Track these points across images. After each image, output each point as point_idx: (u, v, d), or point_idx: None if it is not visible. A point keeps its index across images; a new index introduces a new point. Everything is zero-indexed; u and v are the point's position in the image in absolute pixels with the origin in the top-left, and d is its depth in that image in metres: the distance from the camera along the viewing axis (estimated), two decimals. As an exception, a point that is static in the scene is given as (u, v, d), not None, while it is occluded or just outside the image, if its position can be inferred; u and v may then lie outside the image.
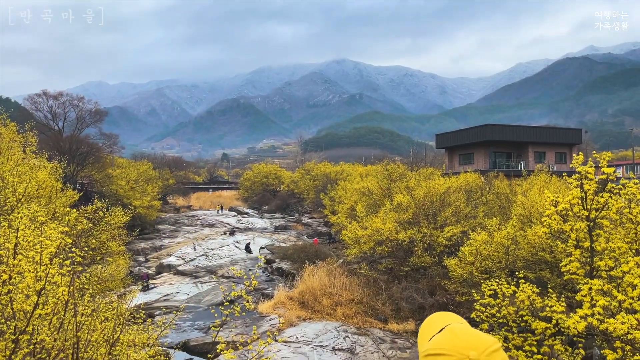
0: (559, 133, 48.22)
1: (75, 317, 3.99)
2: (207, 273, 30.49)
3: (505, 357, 1.07)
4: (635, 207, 4.82)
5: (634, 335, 3.53)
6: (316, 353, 18.01)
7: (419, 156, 63.59)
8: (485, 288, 5.65)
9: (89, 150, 40.47)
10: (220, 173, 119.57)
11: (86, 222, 9.99)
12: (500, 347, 1.07)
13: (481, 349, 1.04)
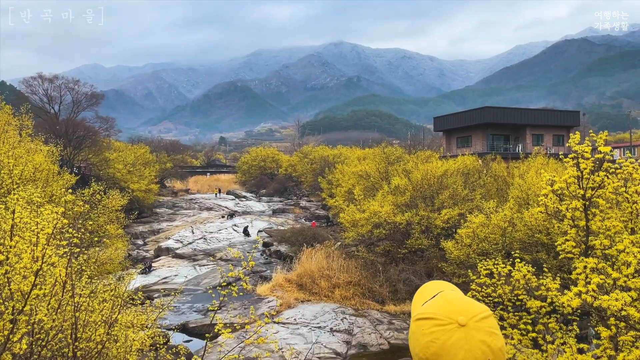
0: (557, 115, 48.14)
1: (73, 297, 4.00)
2: (206, 256, 30.62)
3: (494, 324, 1.09)
4: (632, 186, 4.83)
5: (628, 312, 3.58)
6: (314, 334, 18.19)
7: (416, 139, 63.52)
8: (482, 268, 5.70)
9: (86, 133, 40.28)
10: (217, 157, 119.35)
11: (83, 205, 9.97)
12: (490, 315, 1.10)
13: (470, 315, 1.06)
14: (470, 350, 1.03)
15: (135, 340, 4.86)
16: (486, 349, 1.04)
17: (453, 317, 1.06)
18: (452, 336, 1.04)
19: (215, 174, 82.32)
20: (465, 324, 1.05)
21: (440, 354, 1.04)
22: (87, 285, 4.68)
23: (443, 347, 1.04)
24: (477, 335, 1.05)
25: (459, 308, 1.08)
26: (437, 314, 1.08)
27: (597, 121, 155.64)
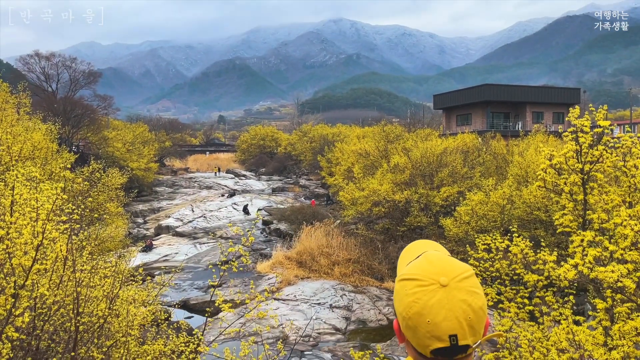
0: (557, 93, 47.84)
1: (75, 273, 4.04)
2: (206, 234, 30.77)
3: (476, 284, 1.12)
4: (630, 160, 4.84)
5: (624, 283, 3.63)
6: (314, 310, 18.41)
7: (416, 117, 63.20)
8: (479, 242, 5.76)
9: (84, 112, 40.05)
10: (216, 135, 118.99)
11: (83, 183, 9.96)
12: (472, 275, 1.13)
13: (451, 275, 1.09)
14: (451, 310, 1.06)
15: (137, 315, 4.93)
16: (467, 308, 1.07)
17: (435, 278, 1.09)
18: (433, 296, 1.07)
19: (214, 153, 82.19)
20: (446, 284, 1.08)
21: (422, 314, 1.07)
22: (88, 261, 4.72)
23: (425, 306, 1.07)
24: (458, 295, 1.07)
25: (441, 269, 1.11)
26: (420, 275, 1.11)
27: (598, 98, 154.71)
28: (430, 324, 1.06)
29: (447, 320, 1.06)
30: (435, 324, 1.06)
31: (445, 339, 1.06)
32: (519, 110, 45.16)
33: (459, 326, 1.06)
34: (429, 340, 1.07)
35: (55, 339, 4.35)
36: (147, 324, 6.15)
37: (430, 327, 1.06)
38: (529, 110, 44.57)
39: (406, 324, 1.11)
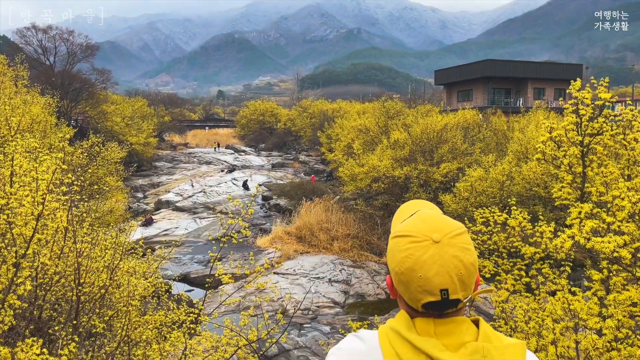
0: (559, 69, 47.40)
1: (75, 244, 4.06)
2: (206, 209, 30.88)
3: (468, 241, 1.13)
4: (630, 133, 4.83)
5: (620, 254, 3.66)
6: (313, 284, 18.62)
7: (417, 93, 62.76)
8: (478, 216, 5.80)
9: (82, 85, 39.72)
10: (216, 111, 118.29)
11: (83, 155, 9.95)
12: (464, 232, 1.15)
13: (444, 232, 1.11)
14: (443, 265, 1.08)
15: (138, 286, 4.98)
16: (458, 264, 1.09)
17: (428, 234, 1.11)
18: (426, 252, 1.09)
19: (213, 128, 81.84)
20: (439, 240, 1.10)
21: (414, 269, 1.09)
22: (88, 232, 4.75)
23: (417, 262, 1.09)
24: (450, 250, 1.09)
25: (434, 226, 1.13)
26: (413, 232, 1.13)
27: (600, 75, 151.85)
28: (422, 279, 1.08)
29: (438, 275, 1.08)
30: (427, 279, 1.08)
31: (436, 293, 1.08)
32: (521, 87, 44.83)
33: (450, 281, 1.08)
34: (421, 294, 1.10)
35: (57, 309, 4.40)
36: (148, 296, 6.22)
37: (422, 282, 1.09)
38: (531, 87, 44.25)
39: (399, 279, 1.13)
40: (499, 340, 1.12)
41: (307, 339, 14.33)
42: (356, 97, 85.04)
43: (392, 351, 1.10)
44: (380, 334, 1.15)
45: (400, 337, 1.11)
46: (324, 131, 41.22)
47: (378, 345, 1.13)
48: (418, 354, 1.07)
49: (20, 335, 3.79)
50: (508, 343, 1.12)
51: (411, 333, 1.10)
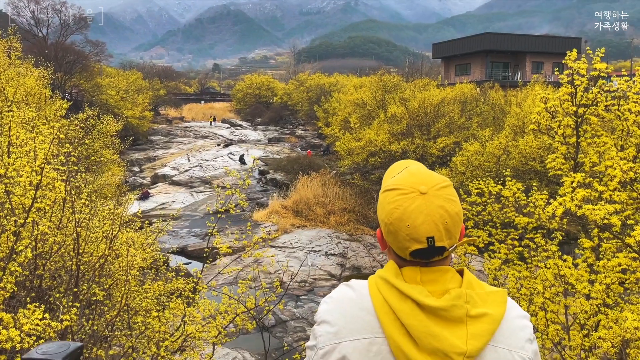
0: (558, 42, 46.98)
1: (74, 214, 4.10)
2: (202, 183, 30.92)
3: (453, 193, 1.19)
4: (624, 104, 4.86)
5: (611, 221, 3.74)
6: (310, 257, 18.81)
7: (415, 67, 62.19)
8: (472, 187, 5.86)
9: (76, 58, 39.18)
10: (211, 84, 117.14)
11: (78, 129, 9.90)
12: (450, 185, 1.20)
13: (430, 184, 1.17)
14: (429, 215, 1.13)
15: (137, 256, 5.04)
16: (444, 213, 1.14)
17: (415, 187, 1.16)
18: (413, 203, 1.15)
19: (209, 102, 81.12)
20: (426, 192, 1.15)
21: (402, 219, 1.14)
22: (87, 203, 4.77)
23: (405, 212, 1.14)
24: (436, 201, 1.15)
25: (421, 179, 1.18)
26: (401, 185, 1.18)
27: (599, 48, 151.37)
28: (409, 228, 1.14)
29: (425, 224, 1.13)
30: (414, 227, 1.13)
31: (423, 241, 1.13)
32: (519, 61, 44.51)
33: (436, 229, 1.13)
34: (409, 242, 1.15)
35: (56, 278, 4.46)
36: (147, 268, 6.29)
37: (409, 231, 1.14)
38: (529, 60, 43.93)
39: (388, 230, 1.19)
40: (481, 287, 1.18)
41: (304, 310, 14.57)
42: (353, 70, 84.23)
43: (380, 297, 1.16)
44: (369, 282, 1.22)
45: (388, 284, 1.17)
46: (321, 105, 40.98)
47: (367, 292, 1.19)
48: (404, 300, 1.13)
49: (22, 303, 3.86)
50: (490, 290, 1.18)
51: (398, 280, 1.16)
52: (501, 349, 1.13)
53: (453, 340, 1.08)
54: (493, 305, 1.14)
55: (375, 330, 1.14)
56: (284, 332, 13.55)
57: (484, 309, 1.13)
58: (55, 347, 1.16)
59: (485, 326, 1.11)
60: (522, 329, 1.17)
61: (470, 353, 1.08)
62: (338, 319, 1.18)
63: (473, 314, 1.11)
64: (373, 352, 1.13)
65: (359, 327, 1.15)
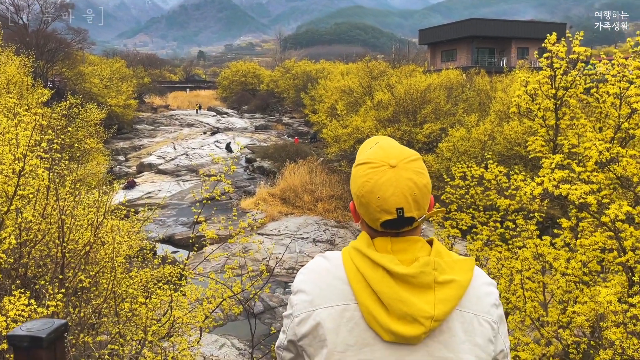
0: (543, 28, 47.15)
1: (58, 201, 4.08)
2: (189, 172, 30.76)
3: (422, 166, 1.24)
4: (602, 87, 4.95)
5: (587, 200, 3.84)
6: (297, 244, 18.89)
7: (401, 53, 62.11)
8: (456, 170, 5.94)
9: (58, 46, 38.49)
10: (197, 72, 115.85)
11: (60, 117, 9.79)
12: (419, 158, 1.26)
13: (400, 158, 1.22)
14: (398, 187, 1.18)
15: (123, 243, 5.03)
16: (412, 185, 1.19)
17: (385, 160, 1.21)
18: (383, 175, 1.19)
19: (194, 90, 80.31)
20: (395, 165, 1.20)
21: (373, 191, 1.19)
22: (71, 190, 4.75)
23: (376, 185, 1.19)
24: (405, 174, 1.20)
25: (391, 153, 1.23)
26: (372, 159, 1.23)
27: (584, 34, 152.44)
28: (380, 199, 1.18)
29: (394, 196, 1.18)
30: (385, 199, 1.18)
31: (392, 212, 1.18)
32: (504, 46, 44.67)
33: (405, 200, 1.18)
34: (379, 213, 1.20)
35: (42, 266, 4.45)
36: (133, 256, 6.29)
37: (380, 202, 1.19)
38: (514, 46, 44.12)
39: (360, 202, 1.23)
40: (449, 256, 1.23)
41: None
42: (340, 57, 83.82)
43: (353, 266, 1.21)
44: (343, 253, 1.27)
45: (361, 254, 1.22)
46: (308, 92, 40.83)
47: (341, 262, 1.24)
48: (376, 268, 1.18)
49: (7, 291, 3.85)
50: (458, 258, 1.24)
51: (370, 250, 1.21)
52: (467, 313, 1.20)
53: (421, 305, 1.14)
54: (460, 273, 1.20)
55: (348, 298, 1.20)
56: (272, 318, 13.65)
57: (451, 276, 1.18)
58: (40, 324, 1.18)
59: (452, 292, 1.17)
60: (487, 295, 1.23)
61: (437, 317, 1.14)
62: (313, 288, 1.24)
63: (441, 280, 1.17)
64: (346, 317, 1.18)
65: (332, 295, 1.21)
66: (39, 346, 1.16)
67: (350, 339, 1.17)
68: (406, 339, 1.14)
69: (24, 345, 1.17)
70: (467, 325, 1.19)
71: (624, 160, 4.07)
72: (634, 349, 3.22)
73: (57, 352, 1.22)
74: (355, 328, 1.18)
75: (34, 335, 1.15)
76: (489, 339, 1.20)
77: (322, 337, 1.19)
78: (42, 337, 1.15)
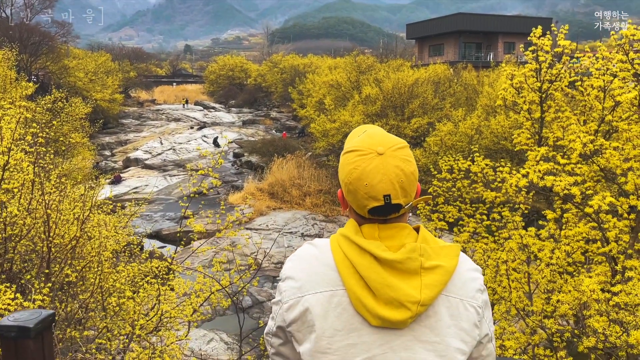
0: (529, 22, 47.39)
1: (43, 195, 4.04)
2: (176, 167, 30.57)
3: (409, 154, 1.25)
4: (587, 80, 5.03)
5: (572, 192, 3.90)
6: (286, 239, 18.90)
7: (389, 48, 62.13)
8: (443, 163, 5.99)
9: (42, 39, 37.92)
10: (183, 66, 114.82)
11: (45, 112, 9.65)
12: (406, 146, 1.27)
13: (387, 146, 1.23)
14: (386, 174, 1.20)
15: (109, 238, 5.00)
16: (400, 172, 1.21)
17: (373, 148, 1.22)
18: (371, 163, 1.21)
19: (181, 84, 79.65)
20: (383, 152, 1.21)
21: (361, 178, 1.21)
22: (56, 185, 4.70)
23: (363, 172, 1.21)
24: (392, 161, 1.21)
25: (378, 140, 1.24)
26: (360, 147, 1.24)
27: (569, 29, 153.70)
28: (367, 186, 1.20)
29: (382, 183, 1.19)
30: (372, 186, 1.20)
31: (380, 199, 1.20)
32: (491, 41, 44.93)
33: (392, 187, 1.20)
34: (367, 200, 1.21)
35: (27, 261, 4.41)
36: (120, 250, 6.25)
37: (367, 189, 1.20)
38: (501, 41, 44.40)
39: (347, 189, 1.25)
40: (435, 242, 1.25)
41: (281, 291, 14.66)
42: (328, 51, 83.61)
43: (341, 253, 1.23)
44: (331, 240, 1.29)
45: (349, 241, 1.23)
46: (295, 87, 40.71)
47: (329, 249, 1.26)
48: (363, 254, 1.20)
49: (-8, 286, 3.81)
50: (444, 245, 1.26)
51: (358, 237, 1.23)
52: (453, 298, 1.22)
53: (408, 290, 1.16)
54: (446, 258, 1.22)
55: (337, 284, 1.21)
56: (260, 312, 13.67)
57: (437, 262, 1.21)
58: (27, 314, 1.18)
59: (438, 277, 1.19)
60: (473, 280, 1.26)
61: (423, 301, 1.16)
62: (301, 275, 1.25)
63: (427, 265, 1.19)
64: (334, 303, 1.20)
65: (321, 281, 1.23)
66: (26, 336, 1.16)
67: (339, 324, 1.19)
68: (393, 323, 1.16)
69: (12, 336, 1.17)
70: (453, 309, 1.21)
71: (607, 152, 4.15)
72: (616, 336, 3.29)
73: (44, 343, 1.22)
74: (343, 313, 1.20)
75: (21, 325, 1.14)
76: (474, 323, 1.23)
77: (311, 323, 1.21)
78: (30, 327, 1.15)
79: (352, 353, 1.18)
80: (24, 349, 1.17)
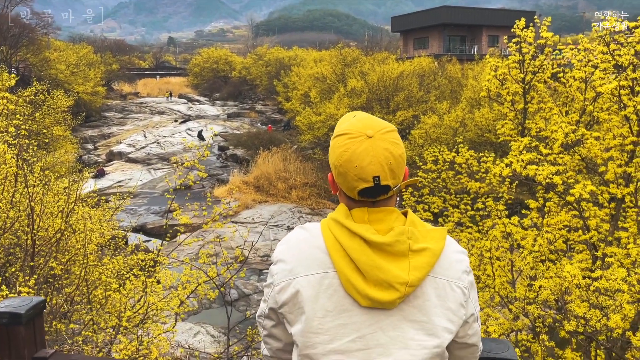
0: (513, 16, 47.70)
1: (27, 188, 3.99)
2: (160, 160, 30.32)
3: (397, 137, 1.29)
4: (569, 72, 5.12)
5: (554, 181, 3.99)
6: (272, 232, 18.91)
7: (374, 41, 62.14)
8: (428, 155, 6.06)
9: (22, 31, 37.17)
10: (167, 58, 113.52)
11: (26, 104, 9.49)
12: (394, 130, 1.31)
13: (376, 129, 1.26)
14: (375, 156, 1.24)
15: (95, 230, 4.96)
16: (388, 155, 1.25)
17: (362, 131, 1.26)
18: (360, 146, 1.24)
19: (165, 77, 78.80)
20: (372, 135, 1.25)
21: (351, 160, 1.24)
22: (40, 177, 4.65)
23: (353, 154, 1.24)
24: (381, 144, 1.25)
25: (367, 124, 1.28)
26: (350, 130, 1.28)
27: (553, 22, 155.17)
28: (357, 168, 1.24)
29: (371, 165, 1.23)
30: (362, 168, 1.23)
31: (369, 180, 1.24)
32: (475, 34, 45.20)
33: (381, 169, 1.23)
34: (357, 182, 1.25)
35: (12, 254, 4.37)
36: (105, 243, 6.21)
37: (357, 171, 1.24)
38: (485, 34, 44.69)
39: (338, 172, 1.28)
40: (423, 226, 1.29)
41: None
42: (313, 44, 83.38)
43: (331, 236, 1.27)
44: (322, 224, 1.32)
45: (339, 224, 1.27)
46: (280, 80, 40.56)
47: (320, 233, 1.30)
48: (353, 237, 1.24)
49: (-25, 280, 3.76)
50: (431, 228, 1.30)
51: (348, 220, 1.27)
52: (440, 279, 1.26)
53: (396, 272, 1.20)
54: (433, 241, 1.26)
55: (327, 266, 1.25)
56: (247, 305, 13.68)
57: (425, 244, 1.25)
58: (19, 301, 1.18)
59: (426, 259, 1.23)
60: (459, 262, 1.30)
61: (411, 283, 1.20)
62: (293, 258, 1.29)
63: (415, 248, 1.23)
64: (325, 285, 1.24)
65: (312, 264, 1.26)
66: (18, 323, 1.16)
67: (329, 305, 1.23)
68: (382, 303, 1.20)
69: (3, 322, 1.17)
70: (440, 290, 1.25)
71: (589, 142, 4.24)
72: (597, 320, 3.39)
73: (36, 329, 1.22)
74: (334, 295, 1.23)
75: (12, 311, 1.15)
76: (460, 304, 1.27)
77: (302, 304, 1.24)
78: (21, 314, 1.16)
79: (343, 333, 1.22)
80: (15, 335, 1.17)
